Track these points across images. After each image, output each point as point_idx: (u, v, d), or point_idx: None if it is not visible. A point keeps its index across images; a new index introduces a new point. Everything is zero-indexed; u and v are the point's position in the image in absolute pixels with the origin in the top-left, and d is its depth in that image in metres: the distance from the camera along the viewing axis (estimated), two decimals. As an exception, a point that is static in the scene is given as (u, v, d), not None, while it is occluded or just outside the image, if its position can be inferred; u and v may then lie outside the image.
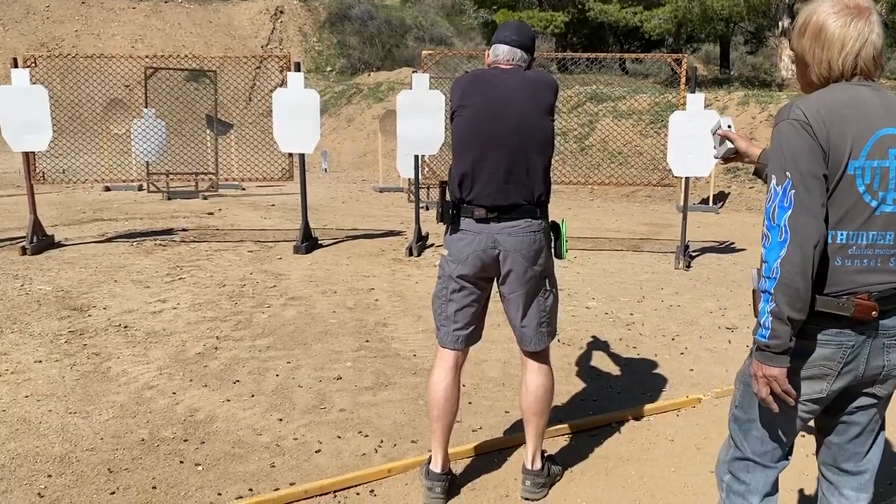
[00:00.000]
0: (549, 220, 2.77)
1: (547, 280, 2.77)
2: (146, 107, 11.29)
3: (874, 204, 1.72)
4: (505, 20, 22.06)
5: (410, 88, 7.07)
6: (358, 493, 2.82)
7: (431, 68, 7.88)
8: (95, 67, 11.23)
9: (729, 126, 2.52)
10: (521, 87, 2.64)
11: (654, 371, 4.14)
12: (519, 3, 23.09)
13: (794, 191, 1.67)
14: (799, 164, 1.68)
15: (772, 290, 1.69)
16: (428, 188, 11.58)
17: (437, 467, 2.77)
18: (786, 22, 19.67)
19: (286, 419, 3.44)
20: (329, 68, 28.09)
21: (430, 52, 7.68)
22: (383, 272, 6.26)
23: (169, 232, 7.94)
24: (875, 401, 1.87)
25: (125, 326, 4.71)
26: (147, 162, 11.09)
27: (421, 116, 6.93)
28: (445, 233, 2.77)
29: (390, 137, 10.37)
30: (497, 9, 22.82)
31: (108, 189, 11.73)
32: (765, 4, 18.20)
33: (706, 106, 7.07)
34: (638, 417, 3.50)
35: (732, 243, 8.34)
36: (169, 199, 10.99)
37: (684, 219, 7.07)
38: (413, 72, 7.63)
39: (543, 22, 21.73)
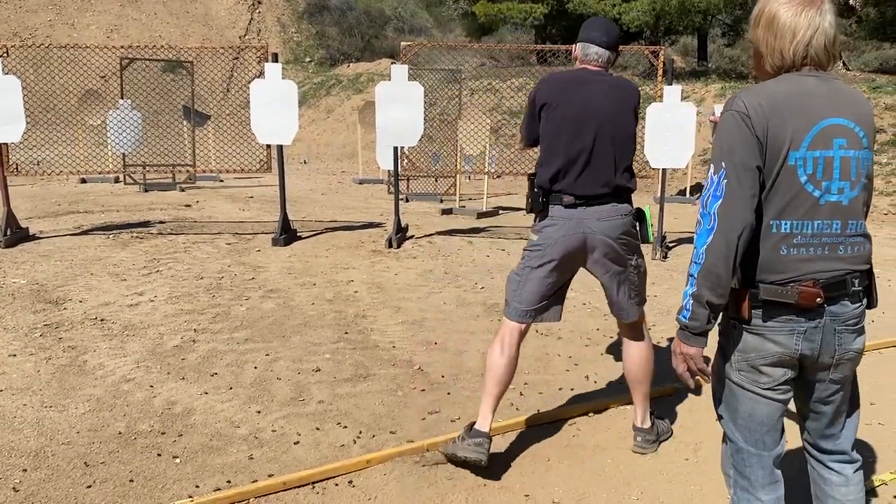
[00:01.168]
0: (634, 206, 2.99)
1: (633, 257, 2.99)
2: (122, 98, 11.16)
3: (817, 194, 1.75)
4: (484, 11, 22.06)
5: (389, 79, 7.05)
6: (336, 484, 2.83)
7: (410, 59, 7.86)
8: (70, 58, 11.06)
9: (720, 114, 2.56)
10: (612, 91, 2.90)
11: (631, 361, 4.18)
12: (499, -6, 23.02)
13: (726, 181, 1.72)
14: (734, 154, 1.72)
15: (696, 275, 1.76)
16: (408, 180, 11.57)
17: (484, 427, 2.90)
18: (762, 14, 19.81)
19: (264, 411, 3.44)
20: (308, 59, 27.90)
21: (408, 43, 7.66)
22: (363, 264, 6.25)
23: (146, 224, 7.88)
24: (836, 386, 1.92)
25: (102, 319, 4.67)
26: (123, 153, 10.97)
27: (400, 108, 6.91)
28: (535, 220, 2.98)
29: (370, 129, 10.34)
30: (476, 0, 22.77)
31: (83, 181, 11.60)
32: (742, -3, 18.32)
33: (683, 98, 7.12)
34: (615, 406, 3.53)
35: (709, 234, 8.42)
36: (146, 190, 10.89)
37: (661, 210, 7.12)
38: (392, 63, 7.61)
39: (523, 14, 21.73)
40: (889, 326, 4.95)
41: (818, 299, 1.75)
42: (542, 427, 3.33)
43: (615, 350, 4.34)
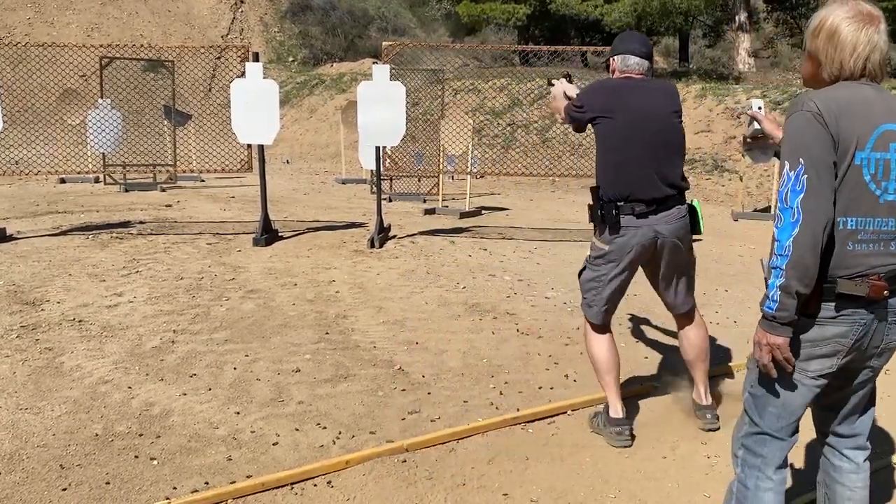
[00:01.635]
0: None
1: (690, 253, 3.24)
2: (102, 97, 11.06)
3: (878, 193, 1.86)
4: (467, 11, 22.08)
5: (372, 79, 7.04)
6: (315, 485, 2.82)
7: (393, 59, 7.85)
8: (49, 56, 10.93)
9: (759, 108, 2.70)
10: (658, 95, 3.10)
11: (611, 360, 4.20)
12: (482, -6, 23.04)
13: (806, 175, 1.81)
14: (811, 151, 1.82)
15: (783, 267, 1.83)
16: (391, 179, 11.56)
17: (619, 414, 3.17)
18: (742, 16, 20.02)
19: (244, 412, 3.43)
20: (291, 59, 27.80)
21: (390, 42, 7.65)
22: (344, 264, 6.24)
23: (126, 224, 7.81)
24: (871, 374, 2.05)
25: (79, 321, 4.63)
26: (103, 153, 10.87)
27: (382, 108, 6.90)
28: (602, 230, 3.11)
29: (353, 129, 10.32)
30: (459, 0, 22.78)
31: (63, 181, 11.48)
32: (722, -1, 18.46)
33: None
34: (594, 405, 3.55)
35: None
36: (126, 190, 10.80)
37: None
38: (374, 62, 7.60)
39: (506, 14, 21.78)
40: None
41: (885, 292, 1.87)
42: (521, 426, 3.35)
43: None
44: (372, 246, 6.86)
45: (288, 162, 16.63)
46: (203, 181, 12.23)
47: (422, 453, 3.07)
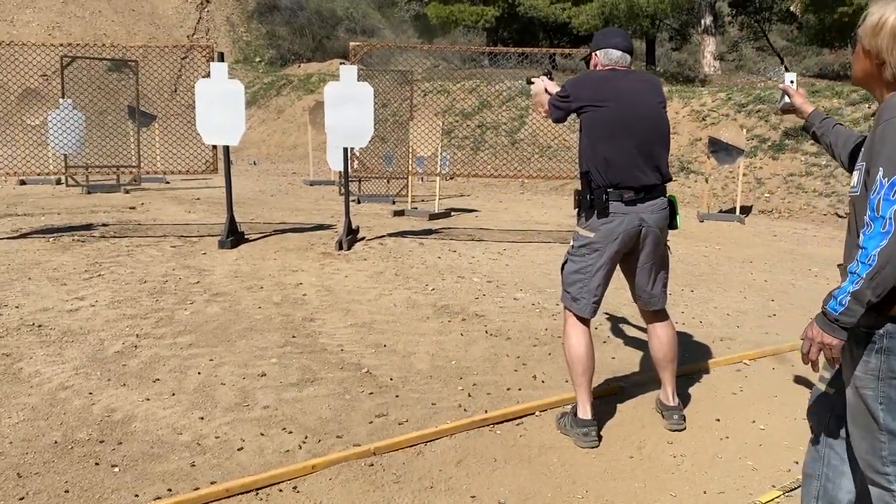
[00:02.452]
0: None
1: (666, 247, 3.27)
2: (63, 97, 10.84)
3: None
4: (436, 13, 22.10)
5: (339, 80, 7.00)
6: (281, 490, 2.78)
7: (362, 60, 7.81)
8: (8, 55, 10.67)
9: (791, 82, 2.74)
10: (645, 86, 3.16)
11: (579, 360, 4.21)
12: (450, -4, 23.09)
13: None
14: None
15: (862, 275, 1.77)
16: (360, 181, 11.50)
17: (587, 415, 3.17)
18: (708, 20, 20.29)
19: (208, 417, 3.37)
20: (258, 59, 27.56)
21: (357, 43, 7.61)
22: (312, 266, 6.18)
23: (88, 227, 7.67)
24: None
25: (39, 326, 4.52)
26: (65, 154, 10.65)
27: (349, 108, 6.86)
28: (587, 217, 3.12)
29: (321, 130, 10.24)
30: (428, 2, 22.79)
31: (23, 182, 11.25)
32: (688, 2, 18.71)
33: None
34: (561, 405, 3.56)
35: (656, 235, 8.56)
36: (89, 192, 10.61)
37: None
38: (341, 63, 7.56)
39: (474, 16, 21.84)
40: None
41: None
42: (489, 427, 3.34)
43: (562, 350, 4.37)
44: (340, 248, 6.81)
45: (255, 163, 16.48)
46: (168, 183, 12.07)
47: (389, 457, 3.04)
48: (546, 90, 3.37)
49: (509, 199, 12.05)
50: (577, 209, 3.20)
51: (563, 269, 3.27)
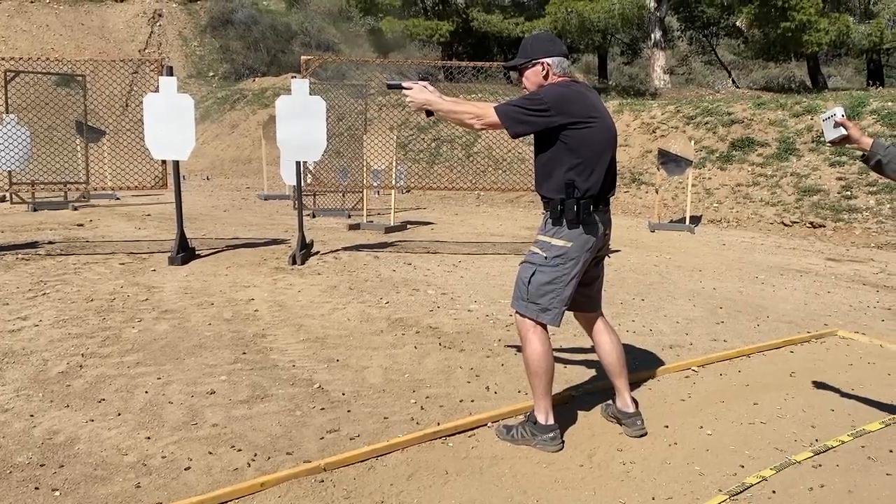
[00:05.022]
0: None
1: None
2: (7, 112, 10.57)
3: None
4: (391, 27, 22.17)
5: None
6: (228, 509, 2.74)
7: (317, 74, 7.79)
8: (-51, 70, 10.40)
9: (843, 115, 2.89)
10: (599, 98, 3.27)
11: (531, 371, 4.24)
12: (405, 11, 23.22)
13: None
14: None
15: None
16: (314, 195, 11.44)
17: (552, 420, 3.24)
18: (657, 34, 20.73)
19: (154, 437, 3.30)
20: (211, 73, 27.29)
21: (309, 57, 7.59)
22: (264, 282, 6.12)
23: (33, 245, 7.47)
24: None
25: (-22, 347, 4.38)
26: (10, 171, 10.37)
27: (302, 122, 6.83)
28: (563, 225, 3.12)
29: (275, 144, 10.19)
30: (383, 16, 22.86)
31: (-35, 201, 10.91)
32: (638, 17, 19.10)
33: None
34: (514, 415, 3.57)
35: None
36: (35, 210, 10.36)
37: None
38: (292, 77, 7.52)
39: (429, 31, 21.96)
40: (773, 330, 5.22)
41: None
42: (441, 440, 3.33)
43: (515, 361, 4.39)
44: (293, 263, 6.76)
45: (208, 178, 16.27)
46: (118, 199, 11.85)
47: (340, 472, 3.02)
48: (442, 98, 3.28)
49: (465, 212, 12.10)
50: (551, 219, 3.14)
51: (529, 281, 3.18)
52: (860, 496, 2.86)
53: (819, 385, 4.10)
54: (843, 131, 2.85)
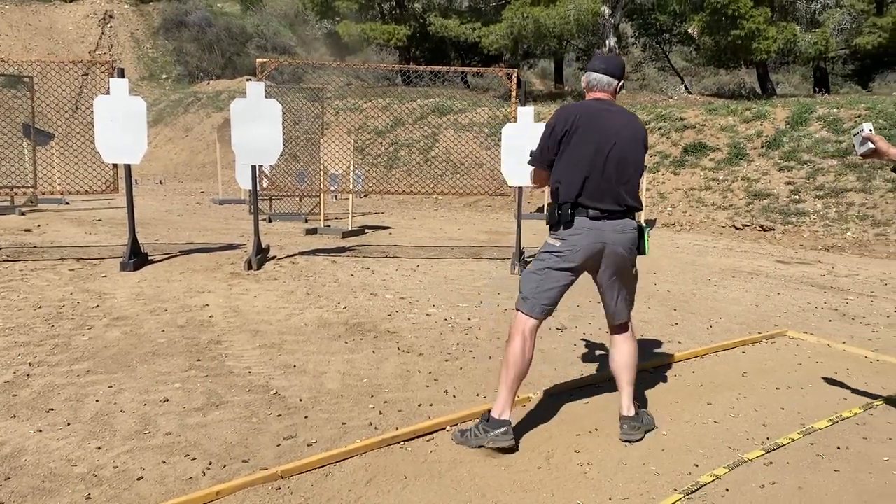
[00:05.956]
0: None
1: (633, 267, 3.44)
2: (-50, 114, 10.24)
3: None
4: (347, 31, 22.09)
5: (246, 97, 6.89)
6: (183, 519, 2.68)
7: (274, 77, 7.70)
8: None
9: (870, 129, 3.08)
10: (624, 121, 3.33)
11: (489, 372, 4.25)
12: (362, 15, 23.15)
13: None
14: None
15: None
16: (271, 199, 11.32)
17: (506, 415, 3.26)
18: (612, 41, 21.02)
19: (105, 447, 3.22)
20: (165, 76, 26.84)
21: (264, 60, 7.52)
22: (219, 287, 6.03)
23: (-23, 251, 7.24)
24: None
25: (-81, 357, 4.22)
26: (-48, 175, 10.05)
27: (257, 125, 6.76)
28: (558, 227, 3.32)
29: (230, 147, 10.06)
30: (340, 19, 22.76)
31: None
32: (592, 24, 19.34)
33: (541, 119, 7.39)
34: (472, 419, 3.57)
35: (566, 249, 8.77)
36: (-21, 215, 10.04)
37: (519, 226, 7.35)
38: (247, 79, 7.44)
39: (386, 35, 21.93)
40: (725, 331, 5.33)
41: None
42: (400, 445, 3.32)
43: (474, 364, 4.41)
44: (249, 268, 6.67)
45: (161, 182, 15.98)
46: (67, 203, 11.56)
47: (297, 479, 2.98)
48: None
49: (423, 216, 12.10)
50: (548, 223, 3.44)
51: (523, 275, 3.45)
52: (809, 493, 2.93)
53: (770, 385, 4.19)
54: (870, 145, 3.05)
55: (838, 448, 3.35)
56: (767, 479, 3.03)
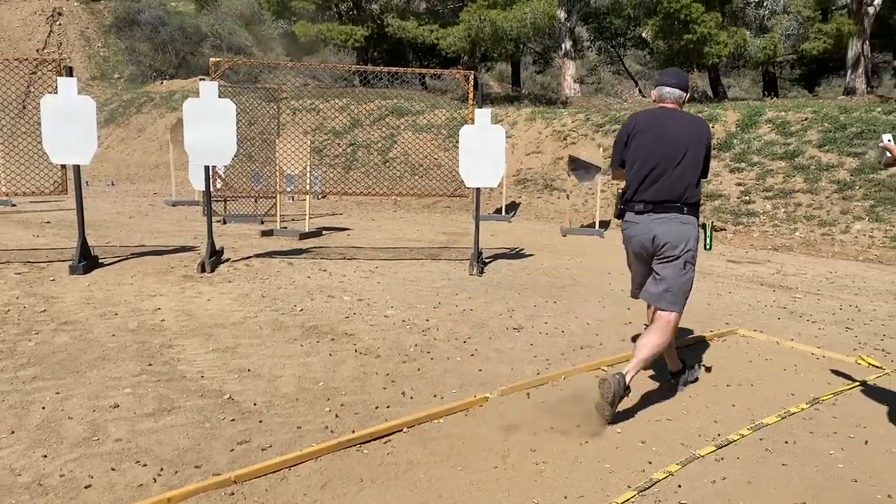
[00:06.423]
0: (699, 220, 3.85)
1: (686, 263, 3.73)
2: None
3: None
4: (304, 31, 21.91)
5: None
6: (132, 528, 2.62)
7: (229, 77, 7.60)
8: None
9: (890, 140, 3.20)
10: (684, 123, 3.74)
11: (446, 373, 4.26)
12: (319, 15, 22.98)
13: None
14: None
15: None
16: (225, 201, 11.16)
17: (679, 365, 4.24)
18: (568, 45, 21.24)
19: (52, 455, 3.13)
20: (117, 76, 26.29)
21: (218, 59, 7.40)
22: (171, 290, 5.92)
23: (-83, 255, 6.99)
24: None
25: None
26: None
27: (211, 126, 6.66)
28: (620, 217, 3.90)
29: (183, 148, 9.88)
30: (296, 20, 22.56)
31: None
32: (548, 27, 19.51)
33: (498, 121, 7.42)
34: (429, 420, 3.57)
35: (522, 249, 8.83)
36: (-80, 217, 9.68)
37: (476, 227, 7.37)
38: (201, 79, 7.32)
39: (343, 35, 21.81)
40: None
41: None
42: (356, 447, 3.30)
43: (431, 365, 4.40)
44: (202, 270, 6.56)
45: (113, 184, 15.62)
46: (14, 205, 11.22)
47: (251, 484, 2.94)
48: None
49: (382, 218, 12.05)
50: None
51: None
52: (759, 486, 2.99)
53: (721, 382, 4.28)
54: (888, 155, 3.21)
55: (786, 443, 3.43)
56: (719, 474, 3.09)
